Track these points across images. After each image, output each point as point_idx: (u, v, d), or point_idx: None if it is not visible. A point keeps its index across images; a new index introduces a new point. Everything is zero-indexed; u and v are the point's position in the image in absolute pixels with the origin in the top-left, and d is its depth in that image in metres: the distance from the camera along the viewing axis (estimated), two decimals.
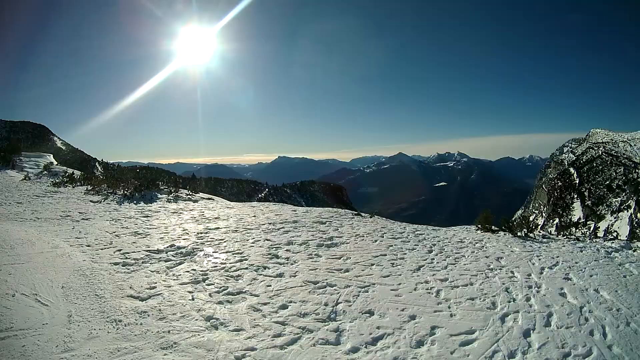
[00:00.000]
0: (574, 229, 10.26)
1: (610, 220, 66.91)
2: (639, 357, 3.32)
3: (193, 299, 3.71)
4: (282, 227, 7.40)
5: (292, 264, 5.08)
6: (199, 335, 3.01)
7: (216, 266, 4.77)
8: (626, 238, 10.25)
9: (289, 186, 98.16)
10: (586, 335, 3.60)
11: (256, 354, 2.83)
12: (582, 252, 7.19)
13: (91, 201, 9.22)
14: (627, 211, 68.71)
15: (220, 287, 4.06)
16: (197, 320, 3.26)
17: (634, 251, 7.80)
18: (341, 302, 3.88)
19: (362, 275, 4.78)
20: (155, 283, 4.04)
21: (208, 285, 4.12)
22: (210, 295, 3.85)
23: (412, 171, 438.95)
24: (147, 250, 5.21)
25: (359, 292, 4.22)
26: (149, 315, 3.26)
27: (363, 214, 10.45)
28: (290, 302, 3.79)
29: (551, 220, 77.36)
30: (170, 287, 3.97)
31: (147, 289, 3.87)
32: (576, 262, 6.27)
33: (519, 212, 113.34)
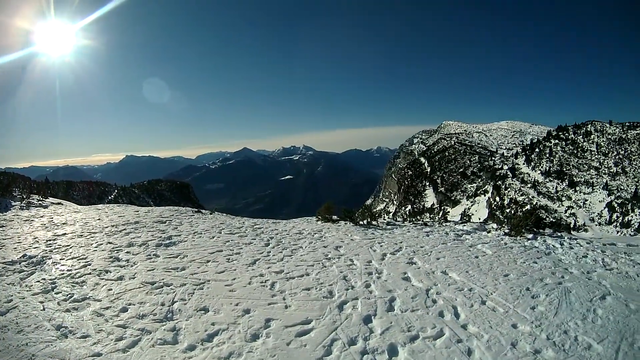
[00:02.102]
0: (427, 215, 10.85)
1: (467, 205, 70.48)
2: (500, 333, 3.37)
3: (44, 309, 3.79)
4: (124, 229, 7.52)
5: (131, 266, 5.20)
6: (52, 345, 3.14)
7: (63, 273, 4.83)
8: (480, 220, 10.67)
9: (137, 186, 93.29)
10: (435, 317, 3.70)
11: (101, 359, 3.00)
12: (428, 236, 7.37)
13: None
14: (485, 195, 72.17)
15: (67, 295, 4.16)
16: (49, 330, 3.39)
17: (488, 232, 7.96)
18: (177, 301, 4.03)
19: (198, 273, 4.95)
20: (12, 296, 4.10)
21: (57, 293, 4.20)
22: (59, 303, 3.94)
23: (257, 166, 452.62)
24: (2, 263, 5.17)
25: (194, 289, 4.36)
26: (9, 330, 3.35)
27: (203, 211, 11.10)
28: (130, 304, 3.94)
29: (403, 208, 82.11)
30: (24, 298, 4.04)
31: (5, 302, 3.93)
32: (421, 247, 6.38)
33: (369, 201, 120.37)
